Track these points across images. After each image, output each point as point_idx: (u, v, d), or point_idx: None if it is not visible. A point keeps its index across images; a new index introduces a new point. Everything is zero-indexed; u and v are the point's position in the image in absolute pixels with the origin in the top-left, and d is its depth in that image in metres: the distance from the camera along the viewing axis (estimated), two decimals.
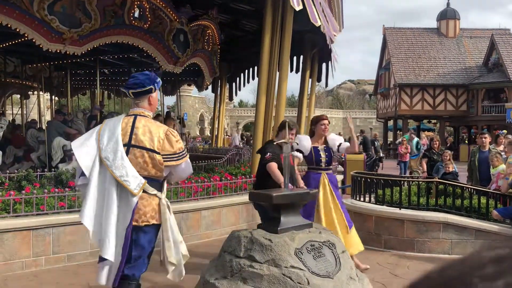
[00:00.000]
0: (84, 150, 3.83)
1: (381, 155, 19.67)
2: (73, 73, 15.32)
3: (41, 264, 5.97)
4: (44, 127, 12.13)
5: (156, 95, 4.09)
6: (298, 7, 8.26)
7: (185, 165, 3.97)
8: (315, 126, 6.13)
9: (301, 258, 3.94)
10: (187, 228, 7.31)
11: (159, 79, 4.08)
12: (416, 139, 18.91)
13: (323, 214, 5.89)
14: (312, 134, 6.18)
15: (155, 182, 3.88)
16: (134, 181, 3.70)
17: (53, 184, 7.59)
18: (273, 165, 5.39)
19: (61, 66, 14.03)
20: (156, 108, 4.32)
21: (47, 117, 20.73)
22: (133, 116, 3.93)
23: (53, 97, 17.61)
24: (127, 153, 3.78)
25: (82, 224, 6.18)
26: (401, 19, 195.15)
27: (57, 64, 13.27)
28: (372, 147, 19.87)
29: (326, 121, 6.10)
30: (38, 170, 8.58)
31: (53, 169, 8.81)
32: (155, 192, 3.84)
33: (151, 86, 3.95)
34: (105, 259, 3.79)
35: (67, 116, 12.69)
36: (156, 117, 14.42)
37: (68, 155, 10.23)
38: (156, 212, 3.84)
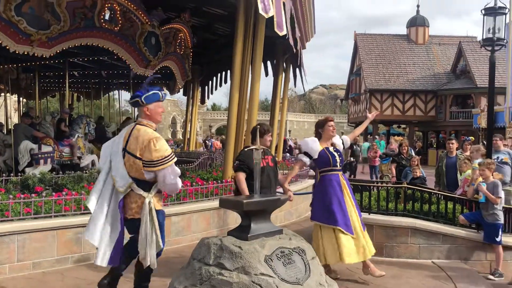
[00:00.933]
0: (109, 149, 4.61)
1: (351, 159, 19.86)
2: (41, 75, 15.05)
3: (4, 272, 5.81)
4: (11, 130, 11.84)
5: (153, 107, 4.49)
6: (267, 15, 8.28)
7: (165, 173, 4.35)
8: (323, 129, 6.13)
9: (271, 265, 3.93)
10: None
11: (158, 92, 4.52)
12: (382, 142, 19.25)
13: (354, 213, 5.97)
14: (319, 136, 6.17)
15: (142, 183, 4.38)
16: (121, 180, 4.36)
17: (19, 189, 7.40)
18: (239, 175, 5.39)
19: (29, 68, 13.75)
20: (158, 119, 4.60)
21: (15, 119, 20.27)
22: (134, 125, 4.53)
23: (21, 99, 17.23)
24: (123, 156, 4.41)
25: (48, 230, 6.08)
26: (371, 25, 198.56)
27: (25, 65, 13.00)
28: (350, 150, 20.03)
29: (333, 123, 6.14)
30: (4, 174, 8.38)
31: (19, 174, 8.60)
32: (141, 192, 4.37)
33: (136, 99, 4.47)
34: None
35: (35, 119, 12.45)
36: (126, 121, 14.27)
37: (35, 159, 10.02)
38: (140, 209, 4.36)
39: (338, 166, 6.07)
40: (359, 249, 5.89)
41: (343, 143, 6.36)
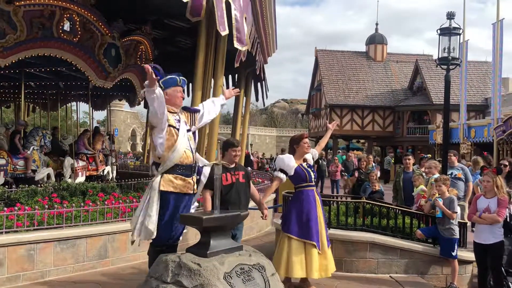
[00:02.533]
0: None
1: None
2: None
3: None
4: None
5: (172, 91, 4.80)
6: (223, 33, 8.32)
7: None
8: (298, 145, 6.14)
9: (230, 283, 3.88)
10: (113, 250, 7.04)
11: (175, 77, 4.84)
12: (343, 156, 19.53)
13: (322, 230, 5.99)
14: (293, 152, 6.18)
15: (156, 165, 4.77)
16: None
17: None
18: (206, 194, 5.34)
19: None
20: (177, 103, 4.86)
21: None
22: None
23: None
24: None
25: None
26: (327, 42, 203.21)
27: None
28: (316, 165, 20.10)
29: (307, 140, 6.18)
30: None
31: None
32: (155, 172, 4.76)
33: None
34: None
35: None
36: (84, 133, 13.95)
37: None
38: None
39: (313, 181, 6.15)
40: (322, 266, 5.92)
41: (312, 157, 6.43)
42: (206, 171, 5.33)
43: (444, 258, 7.18)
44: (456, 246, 7.06)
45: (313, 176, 6.13)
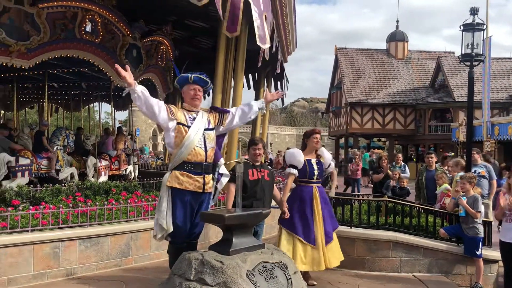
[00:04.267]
0: None
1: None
2: (20, 86, 14.81)
3: None
4: None
5: (186, 89, 4.89)
6: (232, 34, 8.33)
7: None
8: (308, 140, 6.22)
9: (252, 280, 3.89)
10: (136, 248, 7.11)
11: (185, 75, 4.88)
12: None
13: (319, 226, 6.05)
14: (304, 147, 6.26)
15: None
16: None
17: None
18: (230, 186, 5.41)
19: (7, 79, 13.51)
20: (193, 101, 4.91)
21: None
22: None
23: None
24: None
25: (25, 245, 5.94)
26: (344, 40, 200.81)
27: (3, 76, 12.79)
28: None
29: (318, 135, 6.22)
30: None
31: None
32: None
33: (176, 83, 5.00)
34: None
35: (13, 131, 12.22)
36: (105, 131, 14.14)
37: (12, 172, 9.82)
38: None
39: (315, 178, 6.15)
40: (314, 260, 6.00)
41: (329, 166, 6.45)
42: (223, 170, 5.34)
43: (468, 257, 7.08)
44: (480, 245, 6.96)
45: (316, 174, 6.14)
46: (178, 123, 4.75)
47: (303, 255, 5.96)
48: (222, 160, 5.27)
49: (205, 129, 4.87)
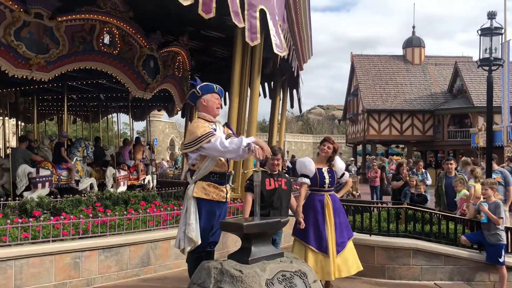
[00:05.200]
0: None
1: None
2: (40, 99, 15.04)
3: None
4: (9, 154, 11.79)
5: (209, 97, 4.83)
6: (254, 43, 8.35)
7: (207, 150, 4.56)
8: (320, 148, 6.27)
9: None
10: (155, 257, 7.15)
11: (211, 84, 4.89)
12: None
13: (330, 234, 6.00)
14: (318, 155, 6.36)
15: (191, 172, 4.80)
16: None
17: (17, 213, 7.35)
18: (247, 196, 5.43)
19: (27, 92, 13.74)
20: (215, 110, 4.88)
21: (13, 143, 20.22)
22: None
23: (19, 122, 17.22)
24: None
25: (46, 255, 6.00)
26: (357, 47, 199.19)
27: (24, 89, 13.01)
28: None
29: (328, 144, 6.17)
30: (2, 199, 8.31)
31: (17, 198, 8.53)
32: (189, 179, 4.82)
33: (193, 90, 4.88)
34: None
35: (34, 143, 12.41)
36: (124, 141, 14.27)
37: (33, 183, 9.96)
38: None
39: (326, 187, 6.11)
40: (323, 269, 5.92)
41: (343, 175, 6.43)
42: None
43: (491, 264, 6.96)
44: (503, 252, 6.84)
45: (327, 182, 6.10)
46: None
47: (314, 264, 5.91)
48: None
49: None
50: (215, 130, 4.81)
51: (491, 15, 9.51)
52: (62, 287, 6.18)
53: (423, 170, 10.61)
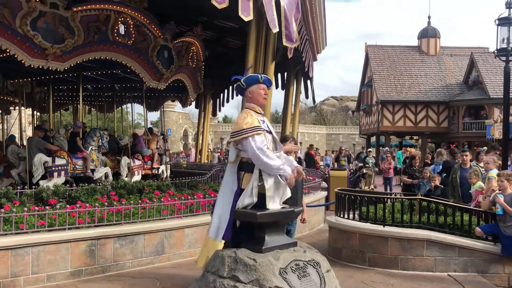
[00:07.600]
0: None
1: (364, 171, 19.63)
2: (55, 89, 15.17)
3: (19, 284, 5.82)
4: (25, 144, 11.94)
5: (255, 88, 4.73)
6: (275, 30, 8.30)
7: (246, 145, 4.44)
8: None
9: (285, 278, 3.90)
10: (170, 246, 7.22)
11: (256, 74, 4.92)
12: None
13: None
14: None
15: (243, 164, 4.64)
16: (231, 156, 4.78)
17: (33, 201, 7.45)
18: None
19: (43, 82, 13.88)
20: (261, 100, 4.78)
21: (29, 132, 20.46)
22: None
23: (35, 112, 17.39)
24: None
25: (63, 243, 6.09)
26: (370, 37, 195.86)
27: (39, 79, 13.14)
28: (355, 162, 19.83)
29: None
30: (18, 187, 8.43)
31: (33, 186, 8.65)
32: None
33: (238, 83, 4.80)
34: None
35: (49, 132, 12.54)
36: (133, 136, 14.40)
37: (49, 172, 10.08)
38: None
39: None
40: None
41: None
42: None
43: (506, 256, 6.91)
44: None
45: None
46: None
47: None
48: None
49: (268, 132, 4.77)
50: (263, 122, 4.70)
51: (509, 5, 9.36)
52: (78, 274, 6.28)
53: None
